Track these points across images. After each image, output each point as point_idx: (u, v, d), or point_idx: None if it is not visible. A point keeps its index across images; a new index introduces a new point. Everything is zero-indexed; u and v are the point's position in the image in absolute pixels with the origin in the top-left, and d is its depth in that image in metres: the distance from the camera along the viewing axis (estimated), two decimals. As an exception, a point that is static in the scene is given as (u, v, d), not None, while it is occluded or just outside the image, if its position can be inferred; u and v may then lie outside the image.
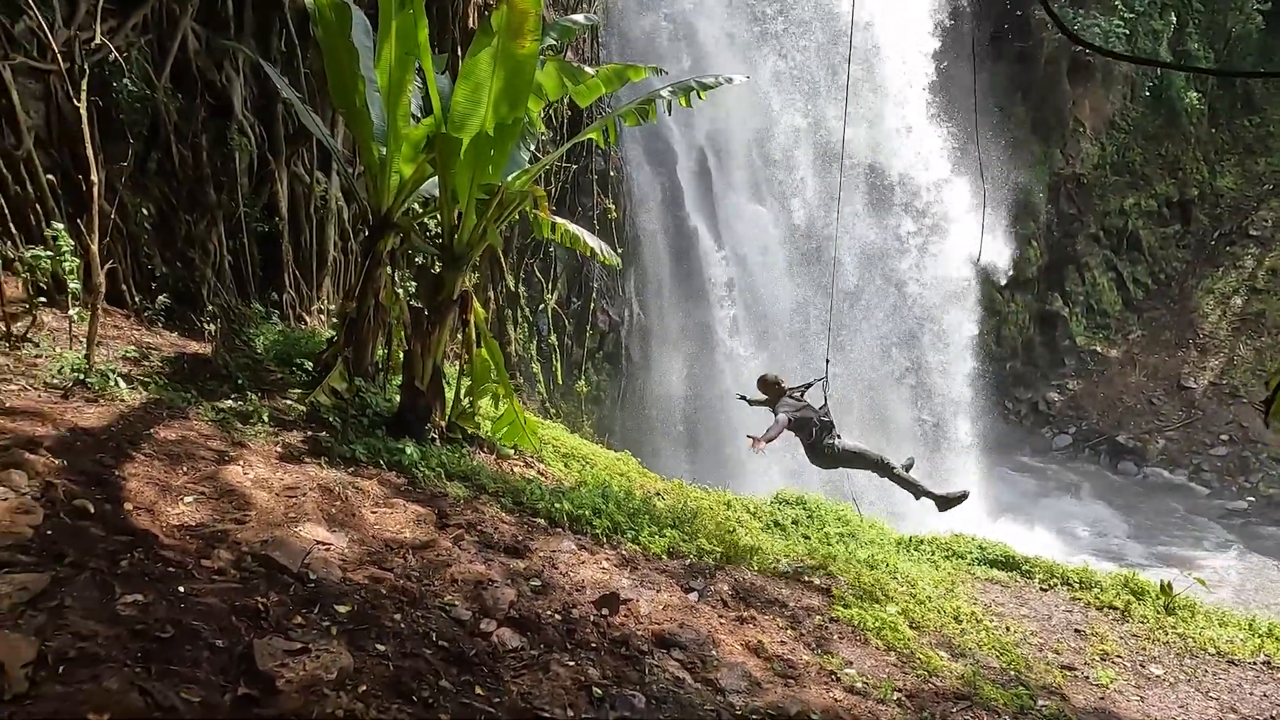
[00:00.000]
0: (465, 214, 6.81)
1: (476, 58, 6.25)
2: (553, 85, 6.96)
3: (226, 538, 3.87)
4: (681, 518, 6.98)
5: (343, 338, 7.65)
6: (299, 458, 5.45)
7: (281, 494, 4.67)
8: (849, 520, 8.09)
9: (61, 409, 4.88)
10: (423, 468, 6.08)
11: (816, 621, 5.59)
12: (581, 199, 12.72)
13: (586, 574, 5.19)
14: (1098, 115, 21.59)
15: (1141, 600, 7.29)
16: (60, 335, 6.29)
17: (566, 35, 8.41)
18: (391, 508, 5.19)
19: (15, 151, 6.98)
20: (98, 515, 3.62)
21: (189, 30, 8.48)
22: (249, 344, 8.14)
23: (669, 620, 4.84)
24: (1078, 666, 6.00)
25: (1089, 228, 21.91)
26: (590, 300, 13.27)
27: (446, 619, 3.88)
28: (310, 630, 3.29)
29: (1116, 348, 21.37)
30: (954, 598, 6.86)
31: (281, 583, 3.62)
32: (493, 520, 5.56)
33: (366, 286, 7.64)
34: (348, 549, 4.26)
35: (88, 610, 2.82)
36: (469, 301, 7.32)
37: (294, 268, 9.69)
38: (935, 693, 4.98)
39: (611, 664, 4.03)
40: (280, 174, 9.42)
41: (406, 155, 7.19)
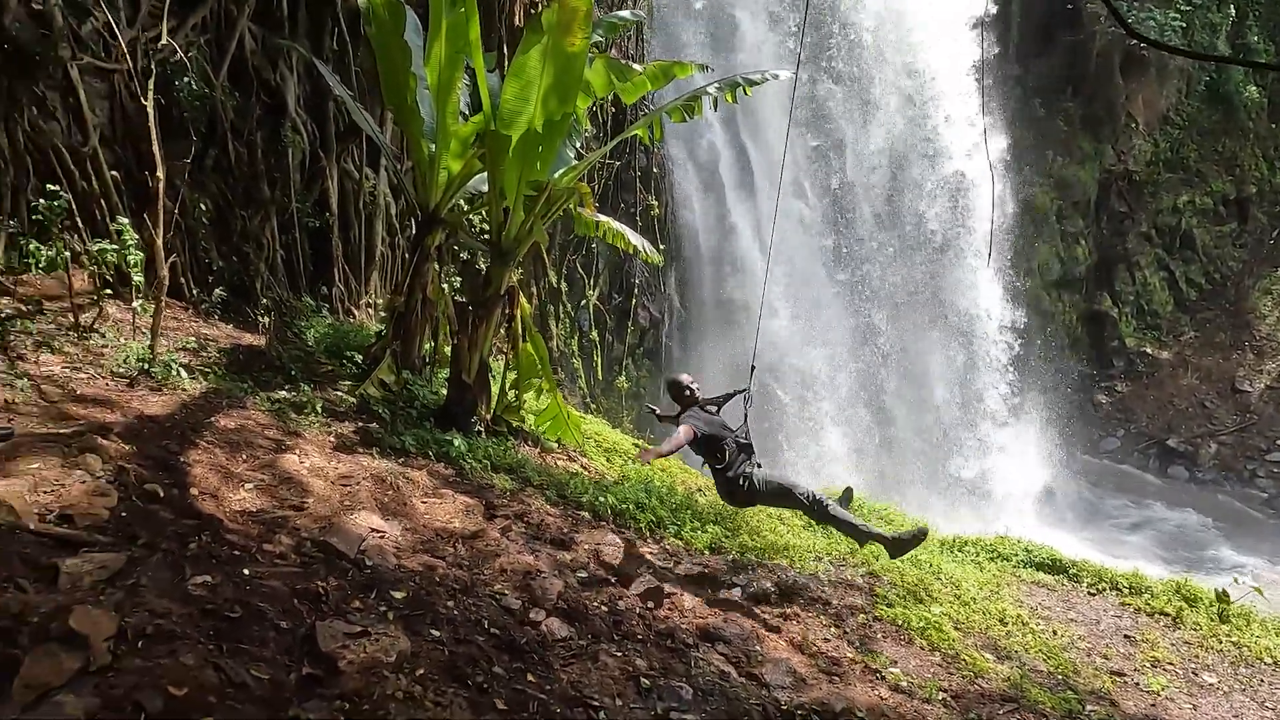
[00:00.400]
0: (513, 210, 6.90)
1: (527, 55, 6.33)
2: (600, 82, 7.01)
3: (286, 523, 3.99)
4: (723, 514, 7.00)
5: (391, 331, 7.80)
6: (351, 448, 5.58)
7: (336, 482, 4.79)
8: (892, 519, 8.02)
9: (128, 397, 5.06)
10: (470, 460, 6.18)
11: (860, 620, 5.58)
12: (624, 195, 12.77)
13: (631, 567, 5.24)
14: (1151, 110, 21.04)
15: (1194, 607, 7.13)
16: (124, 326, 6.51)
17: (612, 31, 8.47)
18: (441, 498, 5.30)
19: (82, 148, 7.22)
20: (166, 499, 3.76)
21: (246, 30, 8.69)
22: (300, 336, 8.34)
23: (713, 615, 4.87)
24: (1127, 673, 5.90)
25: (1140, 226, 21.37)
26: (631, 296, 13.32)
27: (497, 607, 3.95)
28: (368, 615, 3.38)
29: (1168, 349, 20.83)
30: (999, 600, 6.77)
31: (340, 568, 3.73)
32: (538, 512, 5.64)
33: (414, 281, 7.79)
34: (401, 537, 4.36)
35: (161, 589, 2.94)
36: (515, 297, 7.42)
37: (343, 262, 9.88)
38: (981, 694, 4.94)
39: (658, 656, 4.08)
40: (331, 170, 9.62)
41: (455, 152, 7.30)
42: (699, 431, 5.46)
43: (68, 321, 6.01)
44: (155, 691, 2.32)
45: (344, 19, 9.52)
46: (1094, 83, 20.38)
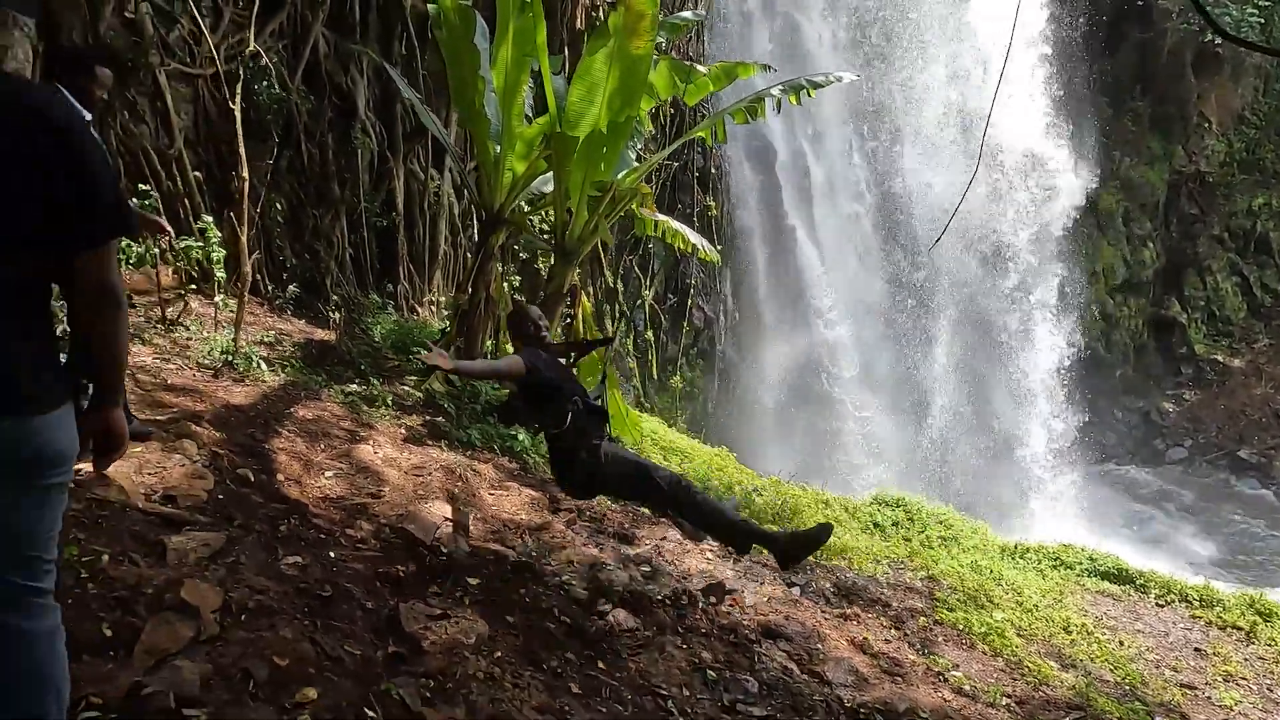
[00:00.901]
0: (577, 210, 7.02)
1: (593, 58, 6.44)
2: (664, 84, 7.10)
3: (366, 510, 4.15)
4: (780, 514, 7.03)
5: (455, 328, 8.00)
6: (421, 440, 5.76)
7: (410, 472, 4.96)
8: (951, 524, 7.95)
9: (213, 387, 5.30)
10: (533, 454, 6.31)
11: (920, 623, 5.55)
12: (681, 196, 12.84)
13: (691, 563, 5.30)
14: (1225, 109, 20.32)
15: (1269, 622, 6.92)
16: (206, 320, 6.81)
17: (675, 33, 8.55)
18: (506, 490, 5.43)
19: (168, 151, 7.57)
20: (256, 484, 3.95)
21: (320, 35, 9.00)
22: (367, 332, 8.60)
23: (774, 612, 4.90)
24: (1198, 686, 5.76)
25: (1212, 229, 20.66)
26: (687, 297, 13.38)
27: (566, 597, 4.05)
28: (446, 599, 3.51)
29: (1240, 357, 20.10)
30: (1063, 608, 6.67)
31: (417, 554, 3.87)
32: (601, 508, 5.74)
33: (478, 279, 7.97)
34: (473, 527, 4.50)
35: (258, 567, 3.11)
36: (577, 295, 7.55)
37: (408, 261, 10.15)
38: (1046, 700, 4.89)
39: (722, 650, 4.13)
40: (398, 171, 9.89)
41: (520, 153, 7.45)
42: (535, 370, 4.16)
43: (156, 315, 6.31)
44: (261, 661, 2.47)
45: (413, 24, 9.78)
46: (1164, 81, 19.78)
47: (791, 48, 13.24)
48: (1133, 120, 20.06)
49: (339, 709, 2.43)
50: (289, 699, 2.38)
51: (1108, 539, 14.56)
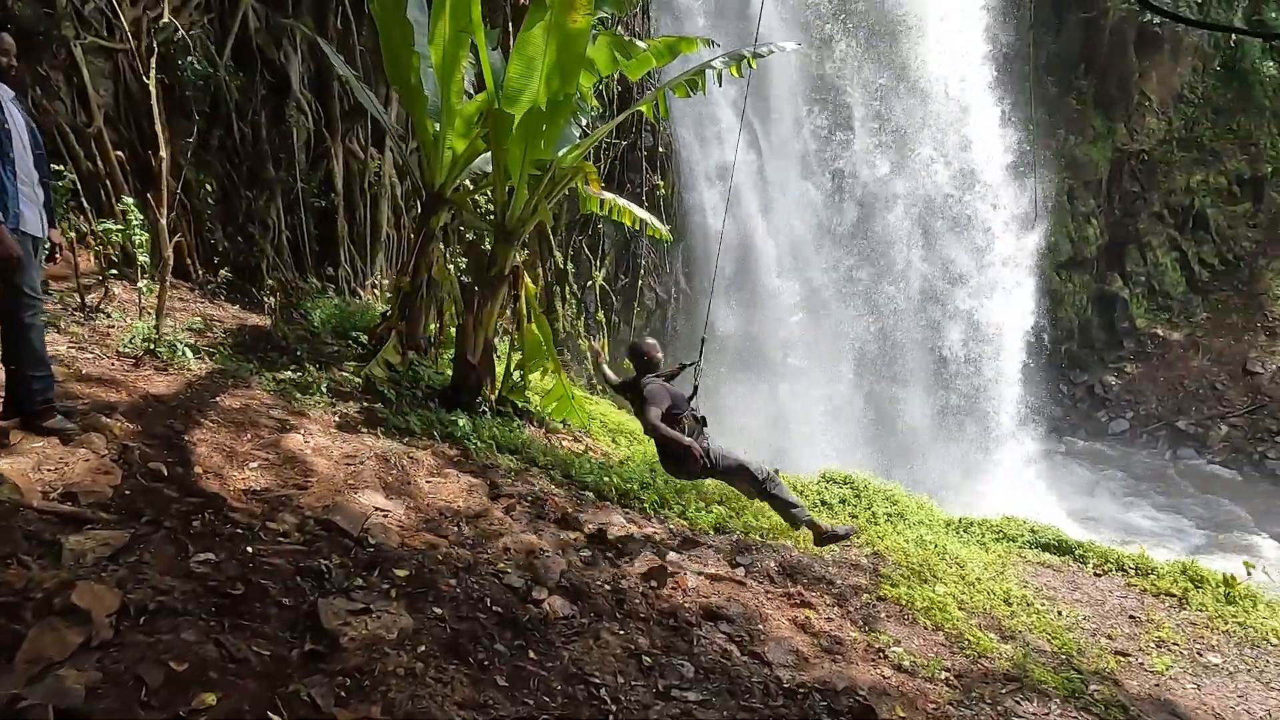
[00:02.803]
0: (517, 189, 6.86)
1: (530, 32, 6.27)
2: (604, 59, 6.95)
3: (290, 502, 4.01)
4: (728, 494, 7.00)
5: (396, 312, 7.81)
6: (356, 427, 5.60)
7: (341, 462, 4.81)
8: (897, 500, 8.02)
9: (133, 376, 5.08)
10: (474, 440, 6.19)
11: (863, 600, 5.58)
12: (630, 175, 12.69)
13: (634, 547, 5.25)
14: (1165, 88, 20.75)
15: (1200, 588, 7.11)
16: (130, 306, 6.53)
17: (618, 7, 8.37)
18: (445, 477, 5.31)
19: (86, 129, 7.22)
20: (171, 477, 3.78)
21: (250, 9, 8.65)
22: (306, 317, 8.36)
23: (716, 594, 4.88)
24: (1132, 653, 5.89)
25: (1153, 206, 21.15)
26: (638, 277, 13.27)
27: (500, 585, 3.97)
28: (371, 592, 3.39)
29: (1179, 330, 20.68)
30: (1004, 580, 6.77)
31: (343, 546, 3.74)
32: (543, 492, 5.65)
33: (420, 261, 7.78)
34: (404, 516, 4.38)
35: (165, 566, 2.96)
36: (520, 277, 7.40)
37: (349, 243, 9.88)
38: (984, 674, 4.95)
39: (660, 634, 4.09)
40: (336, 150, 9.60)
41: (459, 131, 7.26)
42: (675, 399, 5.23)
43: (74, 302, 6.03)
44: (156, 666, 2.34)
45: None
46: (1107, 60, 20.11)
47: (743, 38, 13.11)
48: (1077, 99, 20.38)
49: (240, 713, 2.31)
50: (185, 705, 2.26)
51: (1053, 510, 14.93)
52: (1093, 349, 21.32)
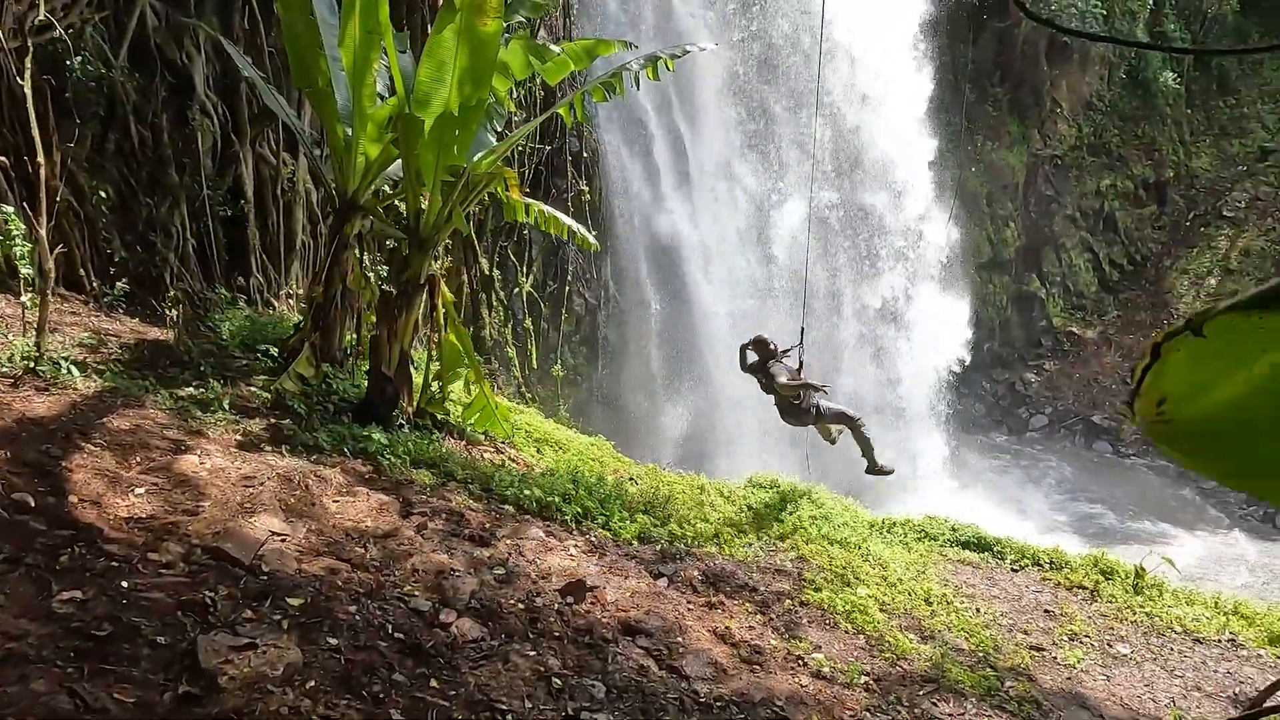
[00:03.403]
0: (431, 196, 6.68)
1: (440, 35, 6.11)
2: (519, 64, 6.83)
3: (176, 530, 3.77)
4: (654, 502, 6.94)
5: (310, 323, 7.53)
6: (259, 446, 5.34)
7: (238, 484, 4.57)
8: (822, 502, 8.07)
9: (9, 398, 4.74)
10: (389, 455, 5.98)
11: (786, 606, 5.57)
12: (556, 181, 12.56)
13: (554, 561, 5.13)
14: (1075, 96, 21.60)
15: (1110, 580, 7.34)
16: (13, 322, 6.12)
17: (536, 10, 8.25)
18: (354, 496, 5.11)
19: (-37, 132, 6.76)
20: (39, 508, 3.51)
21: (147, 6, 8.24)
22: (214, 330, 8.00)
23: (636, 607, 4.80)
24: (1046, 647, 6.03)
25: (1066, 209, 21.98)
26: (566, 283, 13.14)
27: (405, 610, 3.81)
28: (260, 624, 3.20)
29: (1092, 328, 21.52)
30: (925, 579, 6.86)
31: (232, 576, 3.54)
32: (459, 508, 5.49)
33: (333, 270, 7.53)
34: (305, 540, 4.17)
35: (21, 608, 2.73)
36: (436, 285, 7.21)
37: (261, 251, 9.51)
38: (903, 676, 4.98)
39: (574, 653, 3.98)
40: (245, 155, 9.22)
41: (372, 136, 7.04)
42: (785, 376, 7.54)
43: (-53, 318, 5.62)
44: (-5, 724, 2.14)
45: (254, -4, 9.10)
46: (1020, 69, 20.83)
47: (667, 35, 13.13)
48: (993, 106, 21.04)
49: (91, 772, 2.13)
50: (25, 767, 2.06)
51: (975, 506, 15.32)
52: (1013, 347, 22.01)
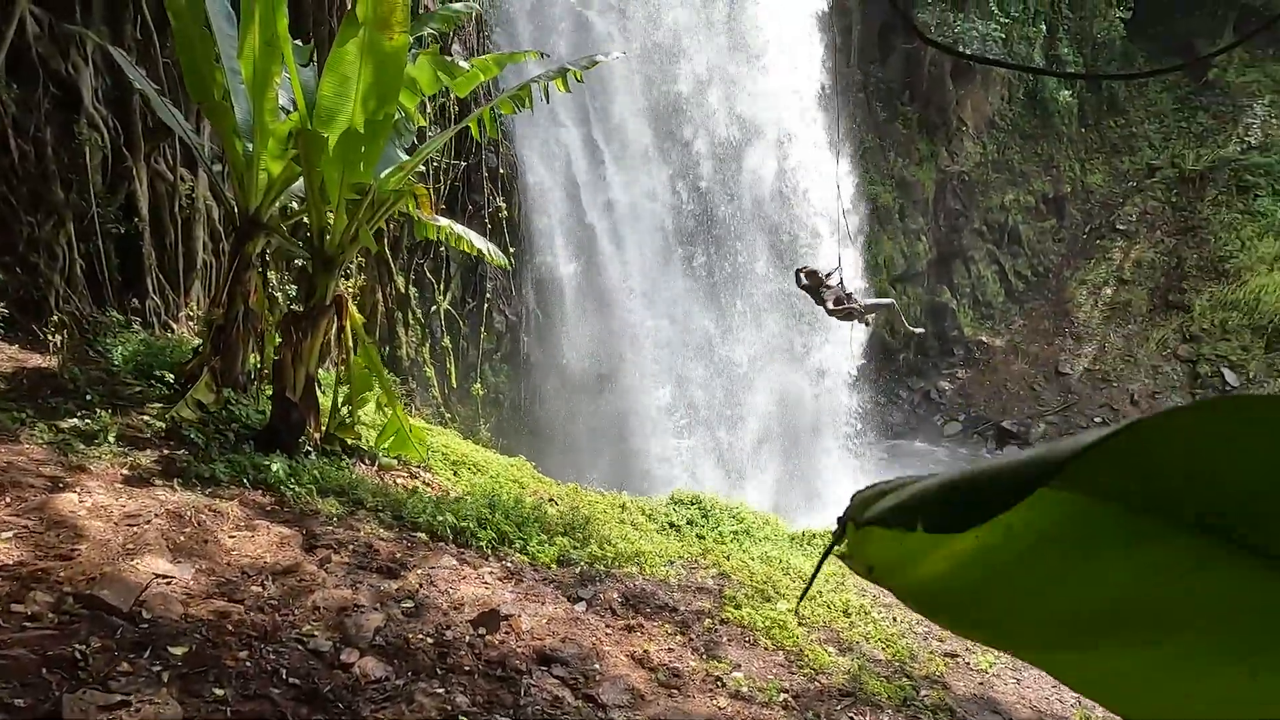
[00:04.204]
0: (336, 214, 6.46)
1: (343, 49, 5.93)
2: (427, 79, 6.69)
3: (47, 577, 3.49)
4: (573, 524, 6.83)
5: (210, 346, 7.19)
6: (148, 480, 5.03)
7: (121, 523, 4.28)
8: (743, 518, 8.11)
9: None
10: (292, 485, 5.72)
11: (706, 625, 5.54)
12: (473, 197, 12.37)
13: (467, 591, 4.98)
14: (979, 115, 22.53)
15: (1019, 583, 7.57)
16: None
17: (447, 24, 8.12)
18: (253, 530, 4.85)
19: None
20: (-116, 561, 3.20)
21: (27, 13, 7.76)
22: (105, 355, 7.55)
23: (552, 635, 4.68)
24: (960, 653, 6.16)
25: (973, 223, 22.86)
26: (485, 300, 12.93)
27: (303, 652, 3.61)
28: (136, 678, 2.98)
29: (1001, 337, 22.38)
30: (844, 591, 6.94)
31: (108, 625, 3.29)
32: (368, 538, 5.28)
33: (235, 291, 7.22)
34: (193, 581, 3.92)
35: None
36: (344, 305, 6.96)
37: (157, 271, 9.03)
38: (821, 691, 5.00)
39: (485, 688, 3.85)
40: (139, 171, 8.76)
41: (274, 152, 6.78)
42: (837, 294, 9.45)
43: None
44: None
45: (148, 4, 8.68)
46: (928, 89, 21.62)
47: (581, 48, 13.11)
48: (903, 124, 21.77)
49: None
50: None
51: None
52: (927, 356, 22.71)
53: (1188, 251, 21.21)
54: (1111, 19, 22.48)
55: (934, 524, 0.60)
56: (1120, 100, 24.00)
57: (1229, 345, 19.36)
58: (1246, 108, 22.30)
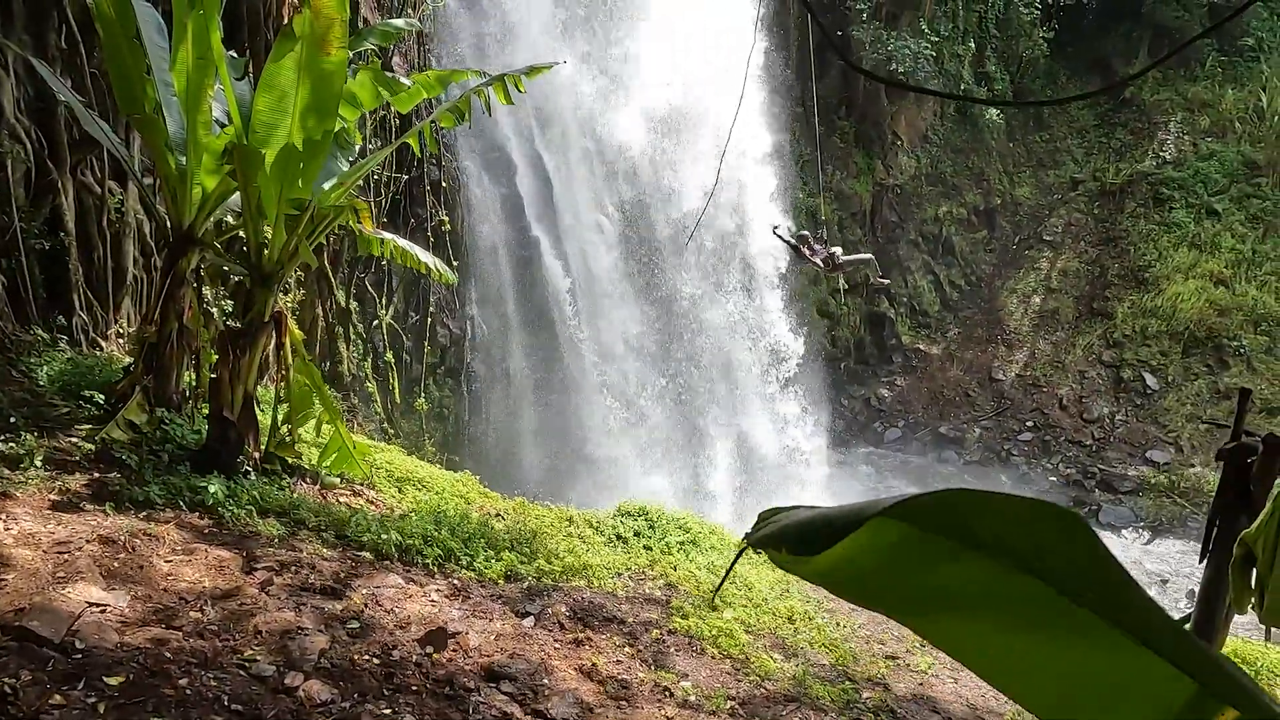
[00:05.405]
0: (274, 230, 6.37)
1: (279, 64, 5.87)
2: (368, 94, 6.65)
3: (-29, 610, 3.38)
4: (520, 538, 6.83)
5: (142, 365, 6.99)
6: (78, 505, 4.88)
7: (50, 550, 4.14)
8: (690, 528, 8.20)
9: None
10: (231, 506, 5.60)
11: (654, 635, 5.60)
12: (416, 210, 12.26)
13: (413, 609, 4.95)
14: (913, 130, 23.23)
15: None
16: None
17: (387, 39, 8.09)
18: (190, 554, 4.74)
19: None
20: None
21: (-58, 22, 7.47)
22: (29, 375, 7.28)
23: (500, 651, 4.69)
24: (900, 655, 6.34)
25: (909, 234, 23.51)
26: (429, 314, 12.81)
27: (245, 677, 3.56)
28: (70, 711, 2.91)
29: (937, 345, 23.03)
30: (789, 598, 7.08)
31: (39, 657, 3.19)
32: (310, 559, 5.20)
33: (168, 308, 7.04)
34: (129, 609, 3.83)
35: None
36: (283, 321, 6.85)
37: (85, 288, 8.73)
38: (767, 697, 5.10)
39: (433, 707, 3.84)
40: (65, 184, 8.47)
41: (209, 167, 6.65)
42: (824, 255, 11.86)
43: None
44: None
45: (73, 12, 8.42)
46: (864, 104, 22.21)
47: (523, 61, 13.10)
48: (840, 138, 22.31)
49: None
50: None
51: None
52: (867, 364, 23.25)
53: (1110, 261, 22.16)
54: (1036, 38, 23.43)
55: (793, 550, 0.96)
56: (1045, 116, 25.01)
57: (1149, 350, 20.27)
58: (1161, 124, 23.46)
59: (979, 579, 0.92)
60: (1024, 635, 0.95)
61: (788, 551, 0.95)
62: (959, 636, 1.00)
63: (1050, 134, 25.14)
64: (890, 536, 0.92)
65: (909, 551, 0.93)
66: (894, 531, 0.92)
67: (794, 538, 0.95)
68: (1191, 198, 21.62)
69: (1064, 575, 0.90)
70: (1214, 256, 20.47)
